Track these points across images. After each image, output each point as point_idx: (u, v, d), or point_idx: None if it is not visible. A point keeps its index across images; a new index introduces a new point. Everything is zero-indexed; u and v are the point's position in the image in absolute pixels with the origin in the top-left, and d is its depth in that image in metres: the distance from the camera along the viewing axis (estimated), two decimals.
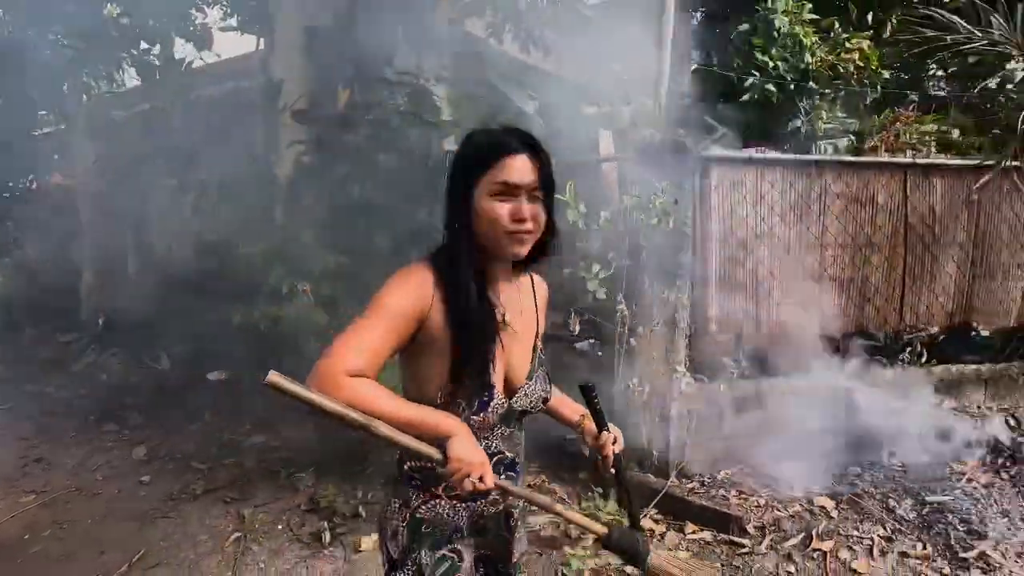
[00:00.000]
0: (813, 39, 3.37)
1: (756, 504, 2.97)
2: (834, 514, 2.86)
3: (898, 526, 2.72)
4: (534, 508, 1.30)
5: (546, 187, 1.09)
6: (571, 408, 1.36)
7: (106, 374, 5.21)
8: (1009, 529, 2.60)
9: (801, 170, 3.32)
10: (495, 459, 1.17)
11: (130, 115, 5.88)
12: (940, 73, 5.07)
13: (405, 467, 1.18)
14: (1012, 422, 3.29)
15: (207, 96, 5.59)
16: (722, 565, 2.61)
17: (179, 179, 4.53)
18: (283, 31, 4.39)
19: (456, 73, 4.07)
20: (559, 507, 1.19)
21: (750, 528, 2.78)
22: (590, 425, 1.29)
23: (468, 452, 1.02)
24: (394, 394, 1.03)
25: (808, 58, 3.29)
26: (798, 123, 3.34)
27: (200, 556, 2.69)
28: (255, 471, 3.43)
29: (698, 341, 3.29)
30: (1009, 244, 3.64)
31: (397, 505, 1.19)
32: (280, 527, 2.90)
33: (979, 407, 3.60)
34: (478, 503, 1.19)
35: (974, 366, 3.64)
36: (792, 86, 3.26)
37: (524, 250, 1.10)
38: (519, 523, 1.31)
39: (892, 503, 2.83)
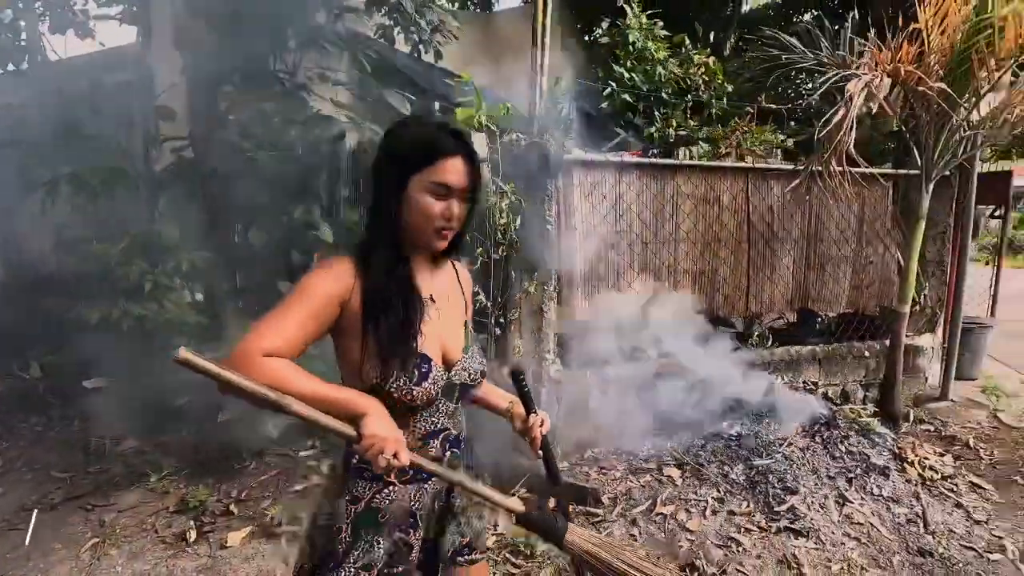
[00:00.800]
0: (665, 53, 3.72)
1: (613, 477, 3.25)
2: (679, 482, 3.17)
3: (729, 488, 3.07)
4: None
5: (475, 189, 1.17)
6: (498, 395, 1.42)
7: None
8: (816, 484, 3.00)
9: (655, 173, 3.65)
10: (441, 435, 1.23)
11: None
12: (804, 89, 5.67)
13: (354, 461, 1.19)
14: (831, 393, 3.77)
15: (83, 88, 5.28)
16: None
17: (44, 174, 4.27)
18: (160, 23, 4.25)
19: (341, 72, 4.11)
20: (477, 485, 1.19)
21: (605, 499, 3.04)
22: (519, 409, 1.36)
23: (382, 428, 1.03)
24: (310, 374, 1.04)
25: (660, 71, 3.63)
26: (652, 130, 3.69)
27: (51, 564, 2.60)
28: (123, 477, 3.32)
29: (566, 330, 3.53)
30: (836, 240, 4.17)
31: (345, 503, 1.18)
32: (144, 530, 2.85)
33: (813, 383, 4.09)
34: (430, 482, 1.22)
35: (810, 347, 4.13)
36: (644, 96, 3.59)
37: (445, 245, 1.19)
38: (464, 507, 1.32)
39: (727, 469, 3.19)
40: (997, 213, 6.30)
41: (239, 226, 3.51)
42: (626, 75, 3.55)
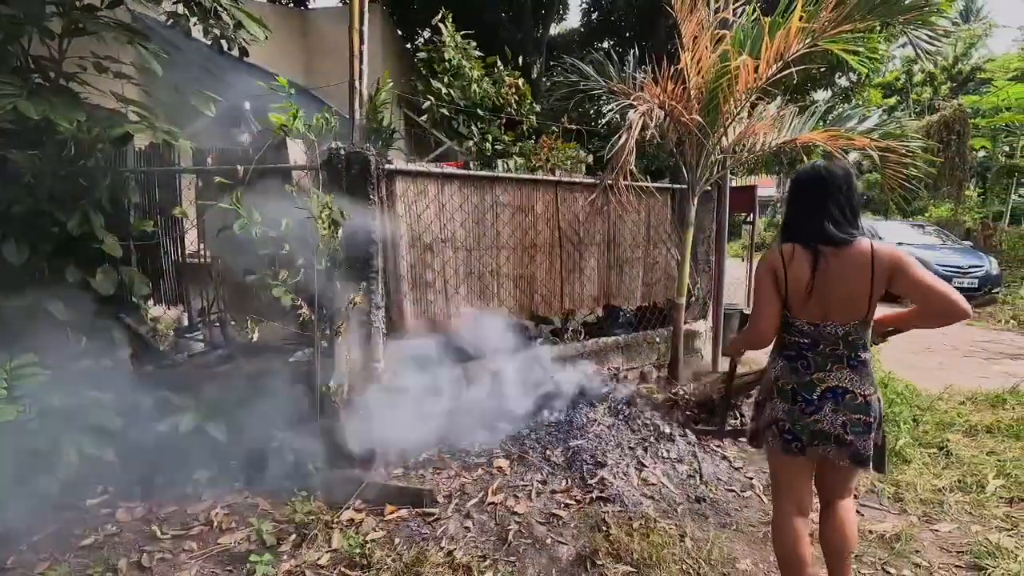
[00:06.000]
0: (480, 72, 3.98)
1: (447, 476, 3.38)
2: (508, 471, 3.42)
3: (551, 470, 3.40)
4: None
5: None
6: None
7: None
8: (620, 456, 3.48)
9: (476, 184, 3.88)
10: None
11: None
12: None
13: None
14: (631, 376, 4.40)
15: None
16: (416, 534, 2.90)
17: None
18: None
19: (125, 64, 3.62)
20: None
21: (440, 498, 3.16)
22: None
23: None
24: None
25: (475, 88, 3.88)
26: (471, 143, 3.92)
27: None
28: None
29: (394, 337, 3.57)
30: (631, 244, 4.85)
31: None
32: None
33: (617, 367, 4.69)
34: None
35: (615, 337, 4.73)
36: (462, 111, 3.81)
37: None
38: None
39: (548, 453, 3.53)
40: (748, 219, 7.82)
41: None
42: (444, 90, 3.72)
